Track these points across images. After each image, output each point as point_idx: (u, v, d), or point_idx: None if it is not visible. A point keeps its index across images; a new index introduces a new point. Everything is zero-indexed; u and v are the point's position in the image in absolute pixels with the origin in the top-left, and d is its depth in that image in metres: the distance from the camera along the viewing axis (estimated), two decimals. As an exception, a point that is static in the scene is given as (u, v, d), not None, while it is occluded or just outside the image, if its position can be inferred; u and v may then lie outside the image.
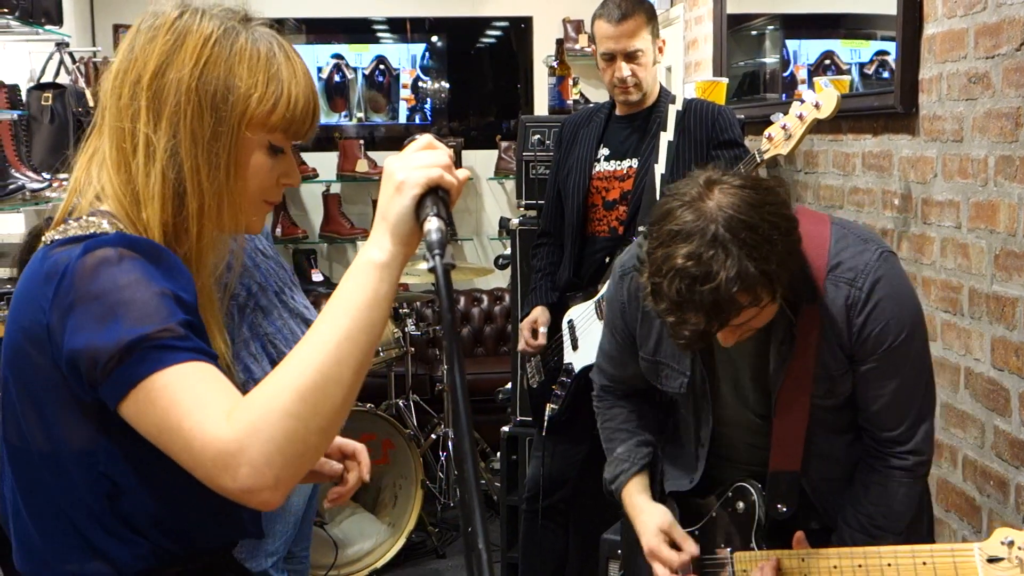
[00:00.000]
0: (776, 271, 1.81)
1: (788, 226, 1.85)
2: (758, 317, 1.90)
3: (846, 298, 1.97)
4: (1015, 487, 2.41)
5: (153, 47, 1.35)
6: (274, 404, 1.17)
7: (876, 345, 1.98)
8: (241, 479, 1.16)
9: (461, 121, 7.00)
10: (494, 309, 6.43)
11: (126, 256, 1.25)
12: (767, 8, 4.54)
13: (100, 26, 6.43)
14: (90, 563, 1.32)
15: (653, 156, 3.26)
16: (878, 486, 2.04)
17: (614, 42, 3.24)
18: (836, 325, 1.98)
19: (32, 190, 4.42)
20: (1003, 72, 2.38)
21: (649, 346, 2.19)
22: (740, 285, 1.76)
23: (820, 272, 1.98)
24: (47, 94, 4.91)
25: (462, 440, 1.08)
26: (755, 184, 1.88)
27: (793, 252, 1.86)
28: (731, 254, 1.76)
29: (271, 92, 1.35)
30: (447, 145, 1.35)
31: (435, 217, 1.18)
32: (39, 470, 1.32)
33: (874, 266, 1.98)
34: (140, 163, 1.34)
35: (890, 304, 1.97)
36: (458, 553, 4.82)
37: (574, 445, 3.46)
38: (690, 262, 1.78)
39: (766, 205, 1.83)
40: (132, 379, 1.20)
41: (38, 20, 4.67)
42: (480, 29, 6.95)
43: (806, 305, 1.98)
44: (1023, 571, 1.67)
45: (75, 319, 1.22)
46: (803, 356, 2.00)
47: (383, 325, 1.24)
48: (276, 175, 1.41)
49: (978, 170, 2.49)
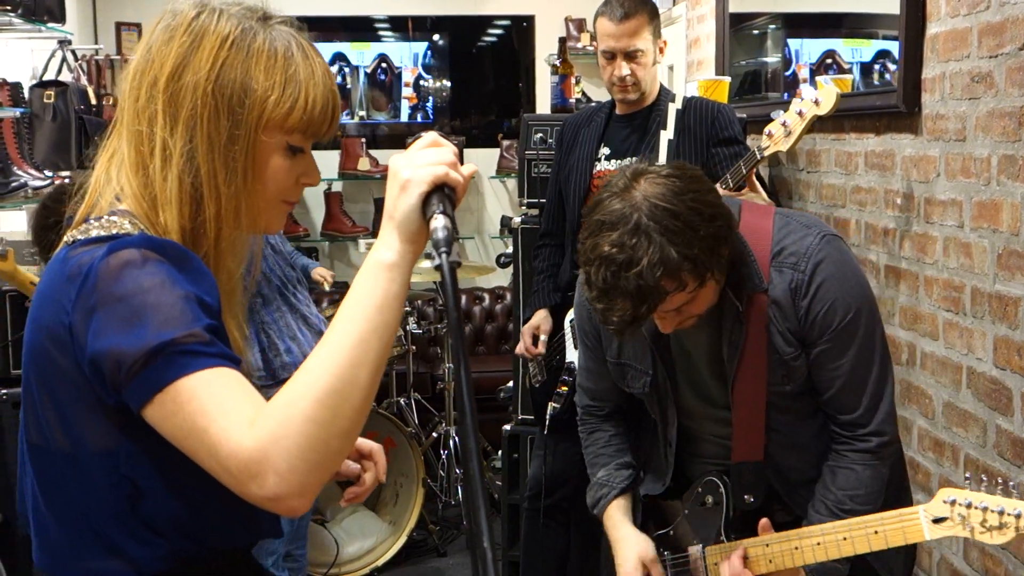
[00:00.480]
0: (700, 256, 1.85)
1: (712, 212, 1.89)
2: (694, 303, 1.94)
3: (790, 282, 2.01)
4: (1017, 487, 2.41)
5: (170, 48, 1.33)
6: (295, 411, 1.17)
7: (824, 326, 2.01)
8: (268, 487, 1.17)
9: (463, 120, 7.00)
10: (496, 308, 6.43)
11: (150, 258, 1.24)
12: (769, 7, 4.54)
13: (102, 24, 6.44)
14: (109, 561, 1.31)
15: (654, 155, 3.26)
16: (844, 470, 2.06)
17: (615, 40, 3.24)
18: (784, 310, 2.02)
19: (34, 188, 4.43)
20: (1006, 71, 2.38)
21: (613, 348, 2.24)
22: (663, 270, 1.82)
23: (765, 260, 2.02)
24: (49, 92, 4.92)
25: (467, 437, 1.08)
26: (680, 173, 1.93)
27: (719, 237, 1.90)
28: (653, 241, 1.82)
29: (288, 94, 1.33)
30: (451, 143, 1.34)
31: (441, 215, 1.18)
32: (60, 469, 1.32)
33: (816, 249, 2.02)
34: (157, 167, 1.33)
35: (834, 284, 2.01)
36: (459, 551, 4.83)
37: (576, 444, 3.42)
38: (615, 249, 1.84)
39: (689, 192, 1.88)
40: (157, 383, 1.20)
41: (41, 18, 4.67)
42: (482, 27, 6.95)
43: (753, 293, 2.02)
44: (964, 527, 1.73)
45: (98, 321, 1.22)
46: (754, 344, 2.04)
47: (397, 325, 1.24)
48: (295, 175, 1.40)
49: (981, 169, 2.49)
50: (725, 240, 1.92)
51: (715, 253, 1.89)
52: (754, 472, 2.11)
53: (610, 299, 1.87)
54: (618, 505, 2.29)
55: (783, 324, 2.03)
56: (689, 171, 1.96)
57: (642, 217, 1.84)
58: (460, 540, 4.91)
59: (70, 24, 5.24)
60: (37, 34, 5.01)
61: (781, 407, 2.09)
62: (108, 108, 5.59)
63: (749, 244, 2.03)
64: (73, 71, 5.35)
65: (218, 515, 1.32)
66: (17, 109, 4.69)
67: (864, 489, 2.05)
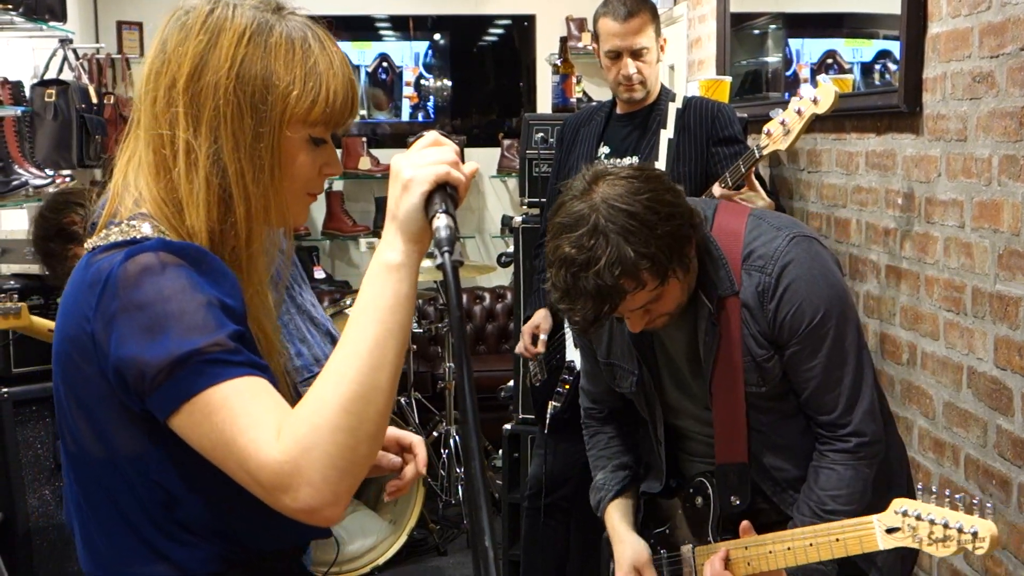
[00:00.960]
0: (658, 254, 1.88)
1: (669, 211, 1.91)
2: (660, 302, 1.96)
3: (757, 285, 2.03)
4: (1017, 486, 2.41)
5: (186, 48, 1.31)
6: (321, 420, 1.17)
7: (793, 328, 2.03)
8: (301, 500, 1.17)
9: (464, 119, 7.00)
10: (496, 307, 6.43)
11: (169, 263, 1.22)
12: (770, 7, 4.54)
13: (104, 23, 6.44)
14: (154, 566, 1.30)
15: (653, 154, 3.26)
16: (826, 470, 2.07)
17: (620, 39, 3.24)
18: (753, 313, 2.04)
19: (35, 186, 4.43)
20: (1008, 71, 2.38)
21: (603, 349, 2.26)
22: (621, 269, 1.85)
23: (736, 263, 2.04)
24: (51, 90, 4.92)
25: (469, 437, 1.08)
26: (638, 175, 1.95)
27: (678, 236, 1.92)
28: (611, 240, 1.86)
29: (310, 88, 1.31)
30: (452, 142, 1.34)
31: (444, 214, 1.18)
32: (97, 475, 1.31)
33: (783, 251, 2.03)
34: (182, 170, 1.30)
35: (801, 286, 2.01)
36: (459, 550, 4.83)
37: (576, 443, 3.44)
38: (574, 250, 1.88)
39: (645, 192, 1.90)
40: (184, 393, 1.19)
41: (42, 16, 4.67)
42: (483, 27, 6.95)
43: (726, 296, 2.04)
44: (914, 538, 1.75)
45: (120, 329, 1.21)
46: (728, 347, 2.05)
47: (410, 324, 1.24)
48: (318, 166, 1.38)
49: (982, 169, 2.49)
50: (686, 239, 1.94)
51: (675, 251, 1.91)
52: (738, 474, 2.12)
53: (572, 300, 1.91)
54: (616, 506, 2.32)
55: (754, 327, 2.04)
56: (648, 172, 1.98)
57: (599, 218, 1.87)
58: (460, 539, 4.92)
59: (71, 23, 5.24)
60: (38, 33, 5.01)
61: (762, 408, 2.10)
62: (109, 107, 5.59)
63: (721, 247, 2.05)
64: (74, 70, 5.35)
65: (257, 517, 1.28)
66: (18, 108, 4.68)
67: (846, 489, 2.06)
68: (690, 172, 3.22)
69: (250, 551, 1.34)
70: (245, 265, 1.34)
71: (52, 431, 3.67)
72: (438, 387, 5.54)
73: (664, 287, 1.93)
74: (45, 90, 4.93)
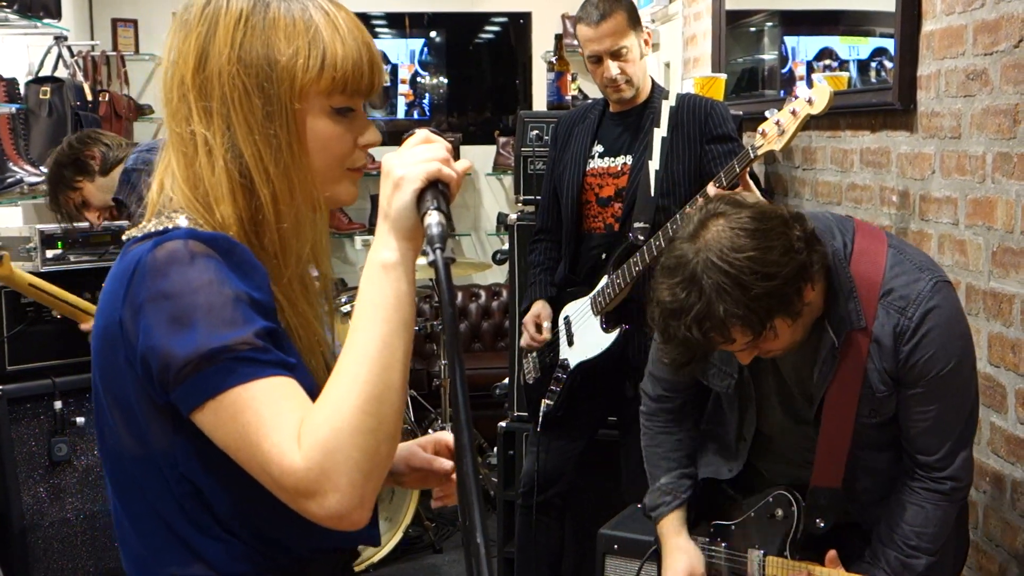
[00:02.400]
0: (749, 315, 1.85)
1: (772, 271, 1.86)
2: (765, 344, 1.95)
3: (895, 326, 2.01)
4: (1011, 483, 2.42)
5: (189, 43, 1.30)
6: (342, 423, 1.16)
7: (922, 373, 2.01)
8: (328, 506, 1.16)
9: (459, 116, 7.00)
10: (492, 304, 6.43)
11: (197, 253, 1.21)
12: (765, 4, 4.54)
13: (99, 20, 6.43)
14: (190, 567, 1.28)
15: (647, 152, 3.26)
16: (915, 506, 2.07)
17: (597, 43, 3.24)
18: (884, 350, 2.02)
19: (30, 183, 4.42)
20: (1001, 69, 2.38)
21: None
22: (709, 325, 1.85)
23: (872, 296, 2.02)
24: (45, 88, 4.91)
25: (461, 434, 1.08)
26: (754, 227, 1.89)
27: (778, 295, 1.87)
28: (704, 295, 1.85)
29: (314, 56, 1.28)
30: (446, 140, 1.33)
31: (435, 211, 1.17)
32: (130, 470, 1.30)
33: (926, 296, 2.01)
34: (203, 163, 1.29)
35: (939, 334, 2.00)
36: (455, 548, 4.83)
37: (570, 441, 3.46)
38: (668, 297, 1.89)
39: (751, 250, 1.86)
40: (211, 390, 1.18)
41: (36, 14, 4.67)
42: (479, 24, 6.95)
43: (852, 330, 2.02)
44: None
45: (147, 318, 1.20)
46: (846, 378, 2.04)
47: (414, 321, 1.23)
48: (351, 139, 1.34)
49: (976, 167, 2.49)
50: (790, 295, 1.89)
51: (773, 309, 1.88)
52: (829, 498, 2.12)
53: (665, 341, 1.95)
54: (678, 515, 2.33)
55: (880, 363, 2.02)
56: (768, 222, 1.91)
57: (698, 268, 1.86)
58: (456, 536, 4.92)
59: (66, 20, 5.23)
60: (33, 30, 5.00)
61: (865, 436, 2.10)
62: (104, 104, 5.59)
63: (856, 280, 2.02)
64: (69, 67, 5.34)
65: (294, 517, 1.22)
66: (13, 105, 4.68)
67: (932, 528, 2.06)
68: (684, 170, 3.22)
69: (291, 554, 1.31)
70: (279, 250, 1.32)
71: (46, 429, 3.67)
72: (433, 384, 5.54)
73: (762, 337, 1.92)
74: (40, 87, 4.92)
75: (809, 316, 2.01)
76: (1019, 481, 2.39)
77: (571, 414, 3.40)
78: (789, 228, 1.92)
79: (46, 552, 3.66)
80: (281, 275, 1.32)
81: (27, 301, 3.64)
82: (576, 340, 3.36)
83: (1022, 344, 2.34)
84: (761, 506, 2.22)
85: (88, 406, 3.75)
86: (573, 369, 3.34)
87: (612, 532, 2.90)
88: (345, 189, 1.36)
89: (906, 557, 2.04)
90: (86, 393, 3.75)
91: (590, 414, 3.47)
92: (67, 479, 3.72)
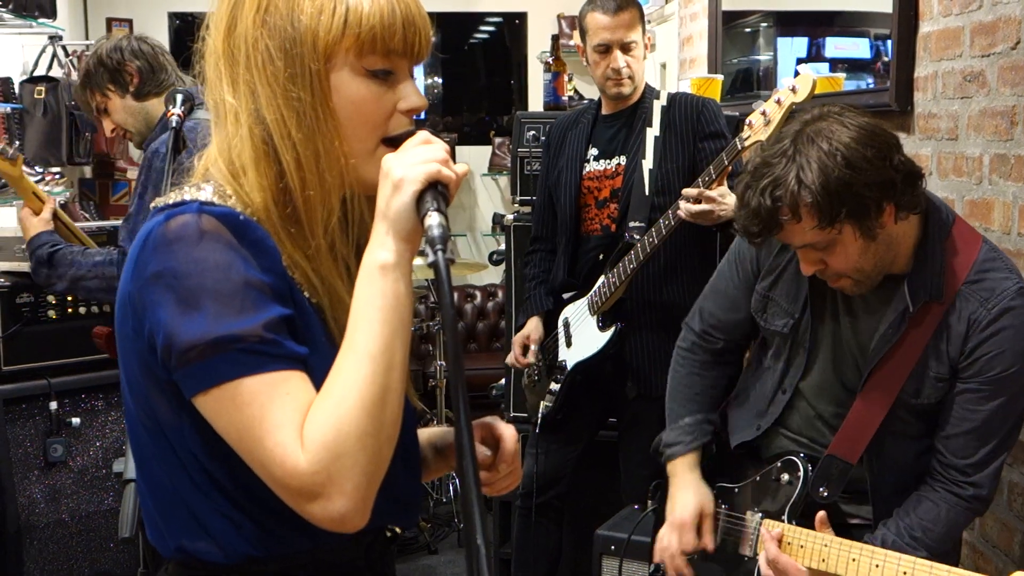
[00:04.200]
0: (820, 198, 1.86)
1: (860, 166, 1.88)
2: (833, 253, 1.96)
3: (972, 313, 1.99)
4: (1008, 485, 2.42)
5: (220, 13, 1.29)
6: (347, 426, 1.15)
7: (984, 368, 1.99)
8: (333, 510, 1.15)
9: (455, 117, 7.00)
10: (487, 305, 6.43)
11: (208, 230, 1.19)
12: (761, 5, 4.55)
13: (93, 19, 6.42)
14: (197, 541, 1.27)
15: (641, 152, 3.26)
16: (930, 503, 2.05)
17: (610, 33, 3.24)
18: (953, 333, 2.00)
19: (25, 184, 4.40)
20: (998, 71, 2.38)
21: (769, 279, 2.23)
22: (780, 193, 1.89)
23: (957, 278, 2.00)
24: (40, 87, 4.90)
25: (462, 435, 1.08)
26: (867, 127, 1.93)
27: (855, 190, 1.88)
28: (786, 163, 1.91)
29: (337, 15, 1.24)
30: (442, 140, 1.31)
31: (436, 212, 1.17)
32: (144, 440, 1.29)
33: (1011, 294, 1.99)
34: (231, 132, 1.27)
35: (1012, 335, 1.98)
36: (450, 549, 4.83)
37: (568, 443, 3.46)
38: (760, 160, 1.96)
39: (853, 141, 1.89)
40: (215, 378, 1.16)
41: (31, 13, 4.66)
42: (474, 24, 6.95)
43: (930, 301, 2.01)
44: None
45: (154, 294, 1.18)
46: (907, 351, 2.02)
47: (411, 323, 1.22)
48: (389, 103, 1.28)
49: (973, 168, 2.50)
50: (868, 201, 1.90)
51: (845, 203, 1.88)
52: (841, 470, 2.10)
53: (741, 205, 1.99)
54: (694, 456, 2.32)
55: (945, 345, 2.01)
56: (878, 131, 1.94)
57: (796, 140, 1.92)
58: (451, 537, 4.92)
59: (61, 19, 5.23)
60: (28, 29, 5.00)
61: (899, 419, 2.08)
62: (99, 104, 5.57)
63: (947, 257, 2.02)
64: (64, 67, 5.33)
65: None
66: (7, 105, 4.67)
67: (940, 528, 2.04)
68: (677, 168, 3.23)
69: (303, 539, 1.28)
70: (305, 219, 1.28)
71: (42, 430, 3.66)
72: (429, 385, 5.53)
73: (831, 235, 1.92)
74: (34, 87, 4.92)
75: (886, 254, 1.99)
76: (1016, 483, 2.39)
77: (570, 416, 3.39)
78: (893, 148, 1.95)
79: (41, 553, 3.65)
80: (307, 244, 1.28)
81: (23, 301, 3.63)
82: (574, 341, 3.36)
83: (1019, 345, 2.35)
84: (768, 470, 2.20)
85: (83, 407, 3.75)
86: (571, 370, 3.34)
87: (609, 533, 2.90)
88: (379, 168, 1.25)
89: (905, 544, 2.01)
90: (82, 394, 3.75)
91: (589, 416, 3.46)
92: (63, 480, 3.71)
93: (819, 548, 2.01)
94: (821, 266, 2.00)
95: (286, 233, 1.27)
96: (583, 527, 3.43)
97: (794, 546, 2.06)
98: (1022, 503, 2.37)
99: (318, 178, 1.27)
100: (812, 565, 2.01)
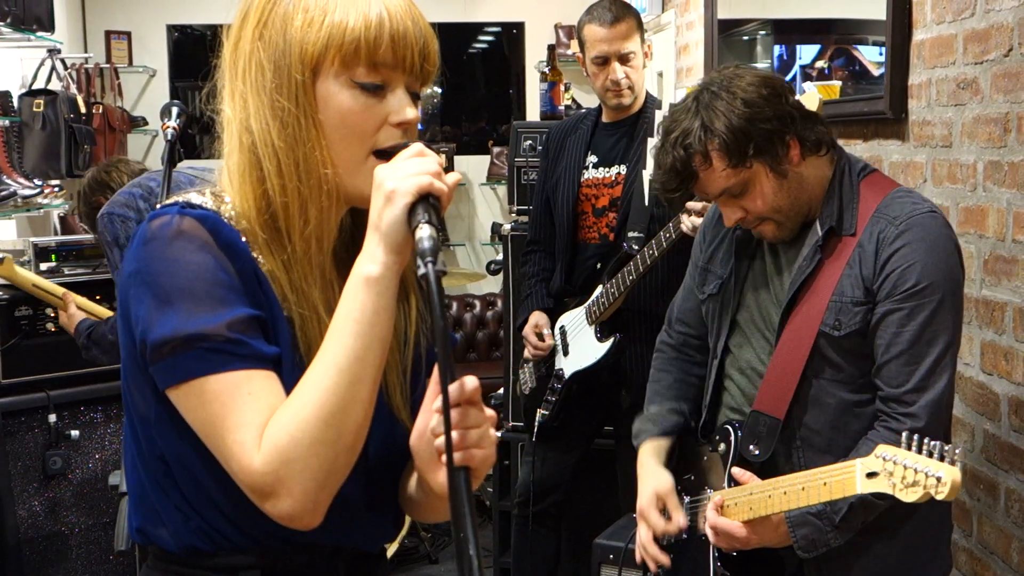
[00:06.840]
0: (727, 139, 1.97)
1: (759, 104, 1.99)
2: (749, 198, 2.03)
3: (880, 231, 2.01)
4: (1005, 491, 2.42)
5: (232, 28, 1.33)
6: (301, 433, 1.19)
7: (897, 284, 1.97)
8: (282, 508, 1.20)
9: (453, 126, 7.00)
10: (486, 314, 6.43)
11: (184, 231, 1.24)
12: (758, 13, 4.55)
13: (92, 33, 6.43)
14: (157, 528, 1.32)
15: (641, 162, 3.26)
16: (868, 443, 1.98)
17: (608, 44, 3.25)
18: (865, 254, 2.02)
19: (24, 196, 4.43)
20: (992, 78, 2.39)
21: (707, 252, 2.30)
22: (690, 141, 2.00)
23: (868, 212, 2.05)
24: (39, 100, 4.92)
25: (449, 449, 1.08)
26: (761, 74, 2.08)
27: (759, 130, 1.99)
28: (690, 115, 2.03)
29: (324, 25, 1.26)
30: (439, 151, 1.32)
31: (427, 224, 1.17)
32: (127, 426, 1.36)
33: (920, 214, 2.00)
34: (226, 141, 1.33)
35: (921, 248, 1.97)
36: (450, 558, 4.83)
37: (565, 451, 3.46)
38: (668, 119, 2.08)
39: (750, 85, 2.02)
40: (185, 373, 1.21)
41: (30, 27, 4.67)
42: (472, 34, 6.96)
43: (840, 235, 2.05)
44: (889, 482, 1.75)
45: (134, 289, 1.24)
46: (822, 286, 2.04)
47: (390, 335, 1.24)
48: (378, 115, 1.29)
49: (967, 175, 2.50)
50: (772, 136, 2.00)
51: (752, 139, 1.98)
52: (768, 426, 2.09)
53: (656, 166, 2.09)
54: (654, 444, 2.34)
55: (858, 268, 2.01)
56: (772, 79, 2.08)
57: (697, 95, 2.04)
58: (452, 547, 4.91)
59: (59, 33, 5.23)
60: (26, 43, 5.01)
61: (826, 358, 2.05)
62: (97, 116, 5.59)
63: (860, 196, 2.07)
64: (62, 80, 5.34)
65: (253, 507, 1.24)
66: (6, 118, 4.68)
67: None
68: (678, 179, 3.23)
69: (257, 542, 1.31)
70: (284, 227, 1.30)
71: (41, 442, 3.66)
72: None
73: (743, 176, 2.01)
74: (33, 100, 4.93)
75: (800, 193, 2.06)
76: (1012, 489, 2.40)
77: (567, 424, 3.40)
78: (786, 89, 2.08)
79: (41, 566, 3.65)
80: (283, 251, 1.30)
81: (22, 314, 3.64)
82: (571, 350, 3.36)
83: (1014, 352, 2.35)
84: (710, 446, 2.23)
85: (82, 419, 3.75)
86: (568, 379, 3.34)
87: (607, 542, 2.90)
88: (369, 179, 1.25)
89: None
90: (80, 406, 3.75)
91: (586, 424, 3.47)
92: (62, 493, 3.71)
93: (745, 499, 2.05)
94: (741, 213, 2.07)
95: (264, 239, 1.31)
96: (581, 536, 3.43)
97: (730, 507, 2.09)
98: (1019, 509, 2.37)
99: (297, 186, 1.29)
100: (745, 518, 2.05)
